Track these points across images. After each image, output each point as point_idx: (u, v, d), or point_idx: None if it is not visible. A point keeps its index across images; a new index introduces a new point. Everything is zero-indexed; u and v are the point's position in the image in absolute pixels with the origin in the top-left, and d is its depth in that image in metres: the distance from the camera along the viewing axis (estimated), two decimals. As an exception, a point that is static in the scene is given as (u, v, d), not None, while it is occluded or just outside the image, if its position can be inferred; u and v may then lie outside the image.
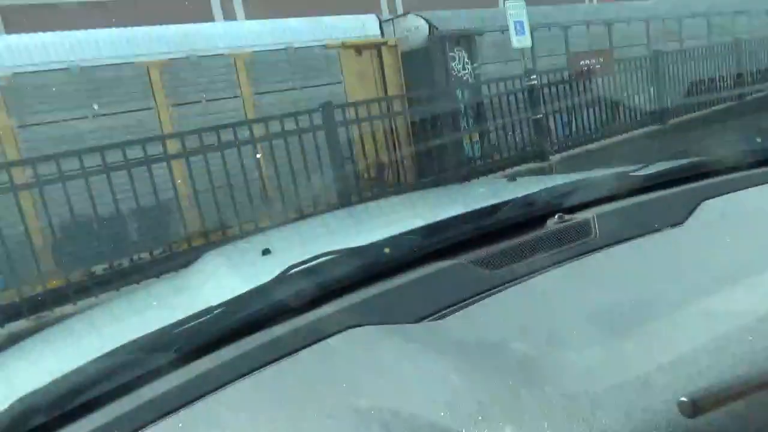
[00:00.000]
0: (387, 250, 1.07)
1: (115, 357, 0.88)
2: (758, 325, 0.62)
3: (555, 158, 6.85)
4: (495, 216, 1.19)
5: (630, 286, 0.87)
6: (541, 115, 6.80)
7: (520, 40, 6.83)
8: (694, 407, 0.43)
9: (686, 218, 1.14)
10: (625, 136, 7.76)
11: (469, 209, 1.26)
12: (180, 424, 0.72)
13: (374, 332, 0.86)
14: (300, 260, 1.05)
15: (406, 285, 0.97)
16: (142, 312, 1.46)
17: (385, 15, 8.45)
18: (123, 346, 0.90)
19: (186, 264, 2.05)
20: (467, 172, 6.38)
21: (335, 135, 5.47)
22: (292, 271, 1.02)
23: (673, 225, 1.12)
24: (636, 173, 1.33)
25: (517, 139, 6.90)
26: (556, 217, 1.16)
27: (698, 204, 1.17)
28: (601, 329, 0.72)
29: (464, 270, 1.01)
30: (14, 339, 1.59)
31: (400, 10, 9.69)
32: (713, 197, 1.18)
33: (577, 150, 7.35)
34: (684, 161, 1.37)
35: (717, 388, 0.45)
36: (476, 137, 7.09)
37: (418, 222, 1.26)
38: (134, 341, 0.91)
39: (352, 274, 1.02)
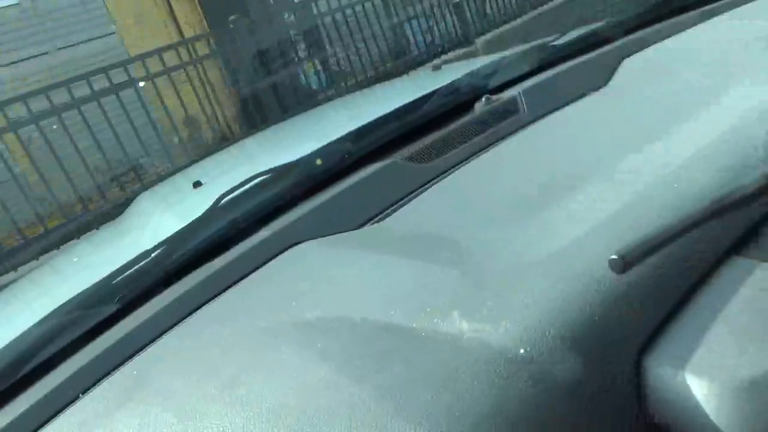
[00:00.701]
0: (319, 161, 1.04)
1: (57, 318, 0.85)
2: (682, 172, 0.63)
3: (480, 41, 6.76)
4: (422, 109, 1.17)
5: (561, 156, 0.88)
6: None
7: None
8: (624, 263, 0.45)
9: (609, 79, 1.14)
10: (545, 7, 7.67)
11: (395, 106, 1.23)
12: (135, 372, 0.70)
13: (315, 246, 0.85)
14: (230, 188, 1.01)
15: (342, 193, 0.96)
16: (82, 267, 1.41)
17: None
18: (63, 305, 0.87)
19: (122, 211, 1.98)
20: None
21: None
22: (224, 200, 0.99)
23: (598, 88, 1.12)
24: (554, 43, 1.32)
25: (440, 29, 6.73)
26: (483, 99, 1.14)
27: (619, 63, 1.18)
28: (533, 204, 0.72)
29: (398, 168, 0.99)
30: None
31: None
32: (632, 54, 1.19)
33: (502, 29, 7.26)
34: (599, 24, 1.36)
35: (643, 240, 0.46)
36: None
37: (347, 128, 1.22)
38: (74, 299, 0.88)
39: (287, 193, 1.00)
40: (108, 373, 0.74)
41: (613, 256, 0.45)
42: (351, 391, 0.46)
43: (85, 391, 0.72)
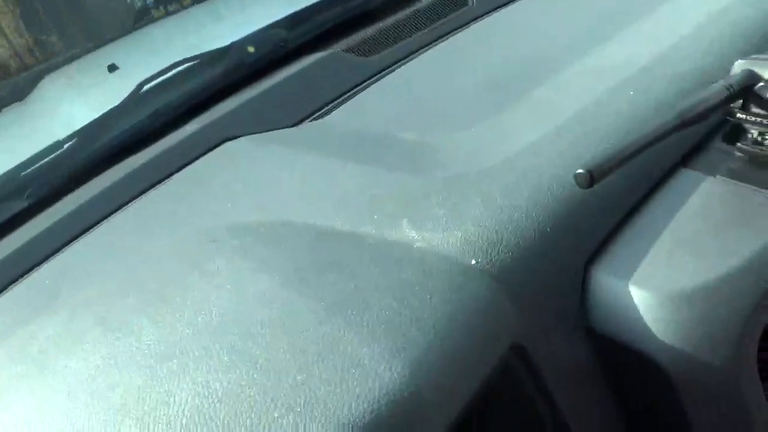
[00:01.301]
0: (251, 49, 0.95)
1: None
2: (640, 76, 0.61)
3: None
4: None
5: (513, 53, 0.83)
6: None
7: None
8: (591, 177, 0.43)
9: None
10: None
11: None
12: (46, 281, 0.65)
13: (249, 143, 0.79)
14: (152, 74, 0.91)
15: (278, 85, 0.88)
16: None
17: None
18: None
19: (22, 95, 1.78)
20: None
21: None
22: (146, 87, 0.89)
23: None
24: None
25: None
26: None
27: None
28: (486, 104, 0.69)
29: (339, 60, 0.92)
30: None
31: None
32: None
33: None
34: None
35: (610, 155, 0.44)
36: None
37: (280, 13, 1.12)
38: None
39: (216, 82, 0.91)
40: (14, 280, 0.68)
41: (580, 171, 0.43)
42: (296, 304, 0.44)
43: None
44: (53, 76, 1.59)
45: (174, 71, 0.90)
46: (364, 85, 0.89)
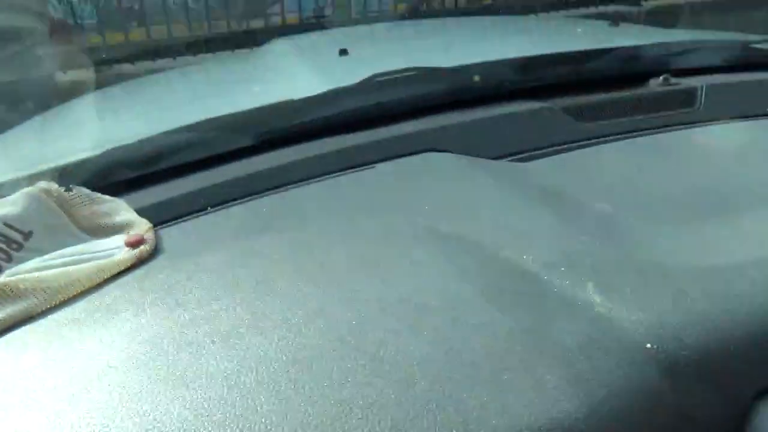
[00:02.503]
0: (477, 78, 1.02)
1: (199, 130, 0.90)
2: None
3: (647, 4, 6.21)
4: (594, 63, 1.11)
5: (731, 169, 0.82)
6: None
7: None
8: None
9: None
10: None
11: (565, 49, 1.17)
12: (263, 208, 0.75)
13: (454, 160, 0.85)
14: (385, 70, 1.01)
15: (492, 119, 0.94)
16: (221, 86, 1.46)
17: None
18: (208, 121, 0.91)
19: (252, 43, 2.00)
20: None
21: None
22: (377, 79, 0.99)
23: None
24: (760, 46, 1.20)
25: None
26: (660, 78, 1.07)
27: None
28: (693, 208, 0.70)
29: (554, 116, 0.96)
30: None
31: None
32: None
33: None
34: None
35: None
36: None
37: (508, 52, 1.18)
38: (217, 119, 0.91)
39: (438, 96, 0.99)
40: (235, 200, 0.79)
41: None
42: (496, 317, 0.49)
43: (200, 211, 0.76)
44: (284, 41, 1.79)
45: (406, 74, 0.99)
46: (571, 145, 0.92)
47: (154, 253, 0.66)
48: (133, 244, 0.65)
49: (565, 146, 0.92)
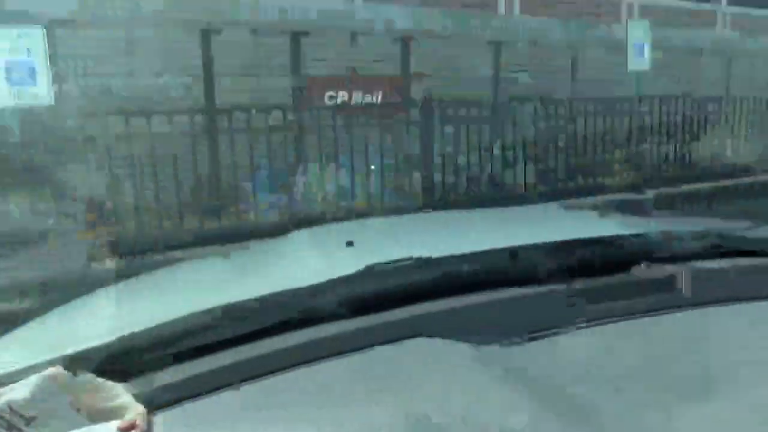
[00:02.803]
0: (467, 266, 1.09)
1: (201, 320, 0.96)
2: None
3: (651, 192, 6.54)
4: (581, 251, 1.19)
5: (712, 354, 0.85)
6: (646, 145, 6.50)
7: (638, 62, 6.56)
8: None
9: None
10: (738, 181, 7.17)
11: (555, 238, 1.26)
12: (257, 393, 0.78)
13: (440, 346, 0.89)
14: (384, 260, 1.09)
15: (479, 306, 1.00)
16: (233, 277, 1.57)
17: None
18: (210, 310, 0.98)
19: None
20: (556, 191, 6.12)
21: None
22: (376, 269, 1.07)
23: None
24: (743, 234, 1.28)
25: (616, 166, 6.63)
26: (642, 265, 1.13)
27: None
28: (670, 392, 0.71)
29: (542, 301, 1.01)
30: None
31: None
32: None
33: (681, 188, 6.95)
34: None
35: None
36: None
37: (501, 242, 1.27)
38: (218, 308, 0.98)
39: (431, 283, 1.06)
40: (218, 388, 0.82)
41: None
42: None
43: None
44: (305, 233, 1.94)
45: (402, 263, 1.08)
46: (557, 330, 0.96)
47: (147, 437, 0.69)
48: (125, 430, 0.68)
49: (552, 329, 0.95)
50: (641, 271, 1.12)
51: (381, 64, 6.37)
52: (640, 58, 6.64)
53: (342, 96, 5.91)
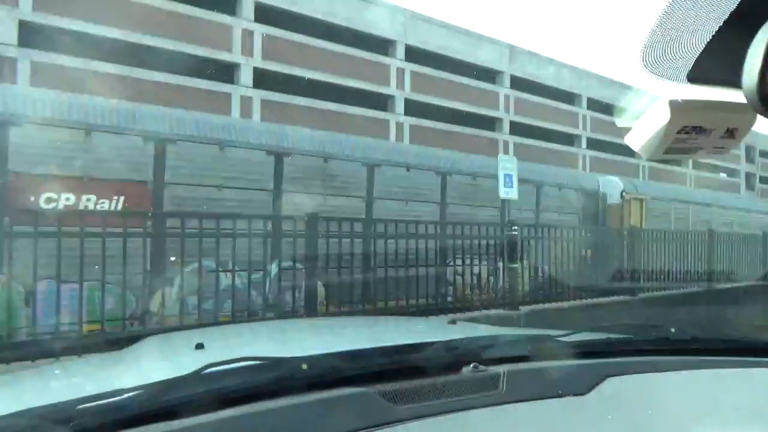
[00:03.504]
0: (304, 366, 1.12)
1: (16, 420, 0.91)
2: None
3: (524, 309, 6.96)
4: (415, 354, 1.26)
5: None
6: (516, 265, 6.99)
7: (508, 192, 7.22)
8: None
9: (589, 390, 1.21)
10: (597, 300, 7.92)
11: (400, 342, 1.33)
12: None
13: None
14: (218, 360, 1.10)
15: (310, 404, 1.02)
16: (66, 380, 1.47)
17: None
18: (27, 410, 0.93)
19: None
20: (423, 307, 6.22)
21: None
22: (208, 370, 1.07)
23: (576, 394, 1.19)
24: (558, 338, 1.42)
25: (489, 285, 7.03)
26: (471, 366, 1.22)
27: (603, 379, 1.25)
28: None
29: (368, 400, 1.06)
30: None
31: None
32: (618, 375, 1.26)
33: (548, 305, 7.47)
34: (601, 336, 1.47)
35: None
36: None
37: (346, 346, 1.32)
38: (38, 408, 0.94)
39: (264, 384, 1.07)
40: None
41: None
42: None
43: None
44: (156, 338, 1.88)
45: (235, 365, 1.09)
46: (381, 427, 1.00)
47: None
48: None
49: (377, 427, 0.99)
50: (470, 371, 1.21)
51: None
52: (510, 188, 7.33)
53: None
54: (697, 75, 0.75)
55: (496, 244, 6.97)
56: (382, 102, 17.53)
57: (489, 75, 20.05)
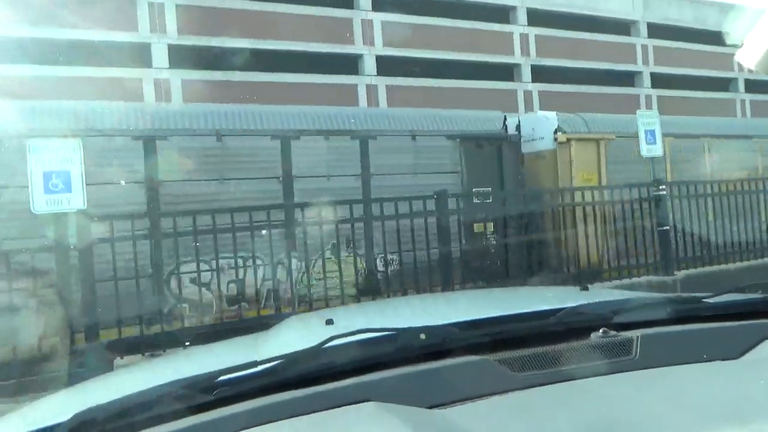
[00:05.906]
0: (423, 336, 1.13)
1: (162, 390, 1.02)
2: None
3: (680, 274, 6.42)
4: (541, 322, 1.22)
5: (663, 413, 0.85)
6: (668, 227, 6.45)
7: (651, 149, 6.66)
8: None
9: (742, 354, 1.09)
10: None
11: (524, 311, 1.29)
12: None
13: (384, 410, 0.93)
14: (341, 332, 1.14)
15: (429, 372, 1.03)
16: (215, 357, 1.62)
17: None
18: (176, 380, 1.04)
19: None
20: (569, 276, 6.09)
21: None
22: (332, 342, 1.12)
23: (725, 358, 1.08)
24: (705, 300, 1.29)
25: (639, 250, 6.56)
26: (600, 331, 1.16)
27: (761, 341, 1.12)
28: None
29: (488, 367, 1.04)
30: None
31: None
32: None
33: (708, 269, 6.82)
34: (757, 296, 1.31)
35: None
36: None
37: (474, 316, 1.31)
38: (185, 379, 1.04)
39: (385, 353, 1.10)
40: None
41: None
42: None
43: None
44: (295, 318, 2.00)
45: (357, 337, 1.12)
46: (501, 395, 0.98)
47: None
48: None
49: (497, 394, 0.98)
50: (599, 336, 1.14)
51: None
52: (653, 145, 6.75)
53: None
54: None
55: (641, 205, 6.48)
56: (507, 72, 16.98)
57: (622, 27, 18.57)
